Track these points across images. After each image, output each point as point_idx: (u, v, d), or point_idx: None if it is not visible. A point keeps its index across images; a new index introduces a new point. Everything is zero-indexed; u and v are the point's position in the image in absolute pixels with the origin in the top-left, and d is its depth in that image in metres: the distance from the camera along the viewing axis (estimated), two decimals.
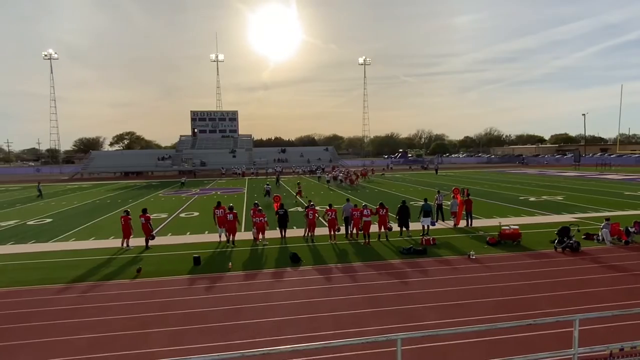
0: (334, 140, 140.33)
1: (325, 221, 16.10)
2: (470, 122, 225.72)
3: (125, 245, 15.59)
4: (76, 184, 53.38)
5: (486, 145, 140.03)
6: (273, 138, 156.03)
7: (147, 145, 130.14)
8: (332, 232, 15.96)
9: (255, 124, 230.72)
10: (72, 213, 25.99)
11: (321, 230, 16.86)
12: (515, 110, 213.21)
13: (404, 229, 16.58)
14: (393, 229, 16.48)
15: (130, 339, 8.00)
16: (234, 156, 79.28)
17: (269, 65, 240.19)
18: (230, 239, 15.81)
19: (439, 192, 20.51)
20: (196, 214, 24.30)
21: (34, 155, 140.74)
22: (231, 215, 15.75)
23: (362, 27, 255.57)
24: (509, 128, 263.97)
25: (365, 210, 15.87)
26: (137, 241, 15.83)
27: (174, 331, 8.28)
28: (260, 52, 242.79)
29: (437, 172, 56.80)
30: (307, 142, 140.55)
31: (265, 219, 15.92)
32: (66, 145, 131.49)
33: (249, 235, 16.61)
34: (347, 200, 18.14)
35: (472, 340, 7.48)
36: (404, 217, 16.46)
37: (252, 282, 11.33)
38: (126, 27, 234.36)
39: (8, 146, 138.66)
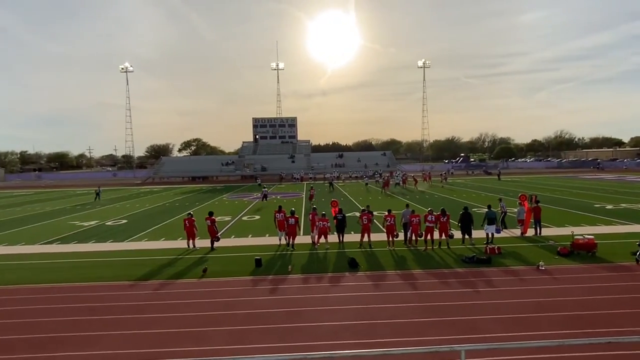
0: (391, 145, 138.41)
1: (384, 227, 15.95)
2: (538, 124, 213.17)
3: (191, 246, 16.46)
4: (148, 188, 57.19)
5: (556, 149, 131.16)
6: (331, 143, 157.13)
7: (212, 151, 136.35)
8: (390, 238, 15.77)
9: (313, 130, 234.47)
10: (144, 215, 27.90)
11: (379, 236, 16.74)
12: (588, 111, 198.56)
13: (466, 236, 16.00)
14: (454, 237, 15.96)
15: (196, 335, 8.44)
16: (293, 161, 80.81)
17: (327, 72, 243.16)
18: (290, 242, 16.15)
19: (500, 200, 19.58)
20: (257, 217, 25.08)
21: (111, 160, 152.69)
22: (292, 219, 16.11)
23: (422, 29, 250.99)
24: (582, 130, 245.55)
25: (429, 216, 15.53)
26: (202, 242, 16.65)
27: (237, 330, 8.62)
28: (319, 59, 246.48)
29: (499, 178, 54.01)
30: (365, 147, 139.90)
31: (329, 223, 16.13)
32: (139, 151, 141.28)
33: (307, 239, 16.88)
34: (407, 205, 17.84)
35: (541, 356, 7.06)
36: (466, 225, 15.89)
37: (311, 286, 11.49)
38: (193, 40, 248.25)
39: (89, 153, 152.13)
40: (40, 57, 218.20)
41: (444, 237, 15.52)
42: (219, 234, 16.86)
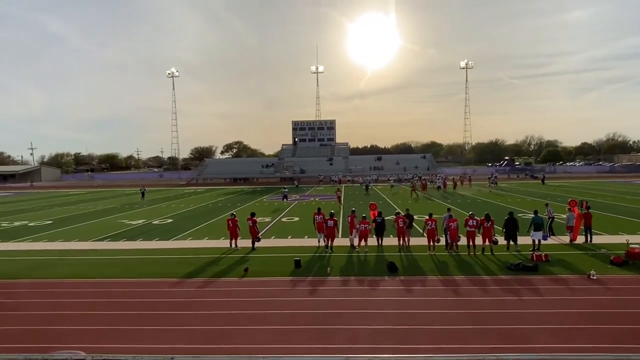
0: (431, 148, 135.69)
1: (425, 232, 15.71)
2: (587, 126, 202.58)
3: (233, 245, 16.87)
4: (192, 189, 59.13)
5: (608, 152, 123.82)
6: (369, 146, 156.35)
7: (253, 153, 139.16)
8: (431, 243, 15.50)
9: (352, 132, 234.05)
10: (189, 215, 28.87)
11: (420, 241, 16.49)
12: None
13: (511, 243, 15.46)
14: (499, 243, 15.45)
15: (240, 333, 8.65)
16: (331, 164, 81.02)
17: (366, 74, 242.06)
18: (329, 244, 16.21)
19: (547, 205, 18.72)
20: (296, 218, 25.35)
21: (157, 162, 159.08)
22: (332, 221, 16.18)
23: (463, 29, 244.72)
24: (636, 133, 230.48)
25: (470, 220, 15.16)
26: (244, 242, 17.03)
27: (279, 330, 8.76)
28: (358, 61, 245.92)
29: (543, 182, 51.54)
30: (404, 149, 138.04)
31: (369, 226, 16.09)
32: (184, 153, 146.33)
33: (346, 242, 16.89)
34: (448, 210, 17.47)
35: None
36: (511, 230, 15.35)
37: (351, 289, 11.49)
38: (235, 45, 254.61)
39: (138, 154, 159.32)
40: (94, 64, 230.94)
41: (487, 242, 15.06)
42: (259, 235, 17.18)
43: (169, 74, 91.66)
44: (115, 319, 9.64)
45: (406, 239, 16.16)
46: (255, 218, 16.98)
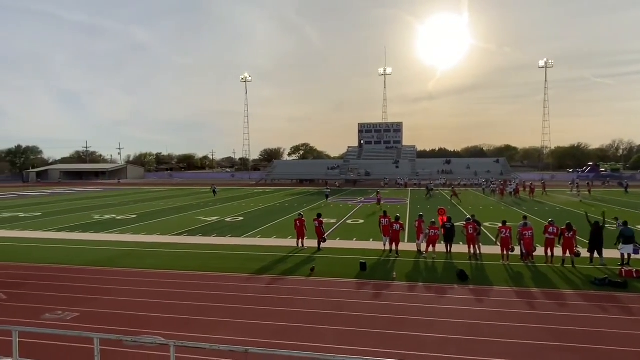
0: (505, 152, 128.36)
1: (498, 240, 14.99)
2: None
3: (300, 245, 17.29)
4: (261, 189, 61.36)
5: None
6: (437, 149, 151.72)
7: (319, 155, 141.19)
8: (504, 252, 14.75)
9: (419, 135, 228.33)
10: (258, 213, 30.03)
11: (493, 249, 15.77)
12: None
13: (595, 255, 14.26)
14: (581, 255, 14.31)
15: (306, 331, 8.89)
16: (397, 167, 79.83)
17: (436, 75, 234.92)
18: (394, 248, 16.04)
19: (617, 219, 17.03)
20: (361, 221, 25.35)
21: (230, 162, 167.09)
22: (397, 225, 16.01)
23: (544, 26, 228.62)
24: None
25: (550, 228, 14.23)
26: (310, 242, 17.37)
27: (344, 331, 8.88)
28: (427, 62, 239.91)
29: (626, 191, 46.38)
30: (475, 153, 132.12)
31: (438, 232, 15.72)
32: (254, 154, 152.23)
33: (411, 247, 16.61)
34: (524, 217, 16.52)
35: None
36: (597, 242, 14.15)
37: (417, 295, 11.30)
38: (305, 49, 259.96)
39: (212, 155, 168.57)
40: (174, 70, 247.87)
41: (568, 254, 14.03)
42: (325, 235, 17.45)
43: (242, 78, 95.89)
44: (192, 309, 10.33)
45: (477, 246, 15.53)
46: (321, 219, 17.26)
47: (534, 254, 14.62)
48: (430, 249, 15.63)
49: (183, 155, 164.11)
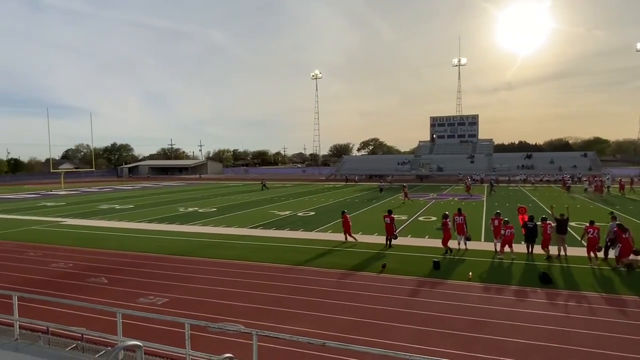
0: (595, 144, 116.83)
1: (584, 241, 13.87)
2: None
3: (348, 239, 17.81)
4: (331, 184, 62.05)
5: None
6: (516, 142, 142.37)
7: (389, 150, 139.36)
8: (592, 254, 13.61)
9: (496, 128, 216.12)
10: (329, 208, 30.48)
11: (578, 251, 14.61)
12: None
13: None
14: None
15: (378, 328, 8.96)
16: (472, 162, 76.31)
17: (515, 63, 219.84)
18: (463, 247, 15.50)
19: (612, 215, 15.67)
20: (434, 218, 24.70)
21: (300, 158, 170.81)
22: (461, 217, 15.70)
23: None
24: None
25: None
26: (378, 239, 17.32)
27: (416, 330, 8.82)
28: (505, 50, 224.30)
29: None
30: (559, 146, 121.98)
31: (513, 230, 14.92)
32: (324, 150, 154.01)
33: (488, 246, 15.91)
34: (613, 217, 15.09)
35: None
36: None
37: (494, 297, 10.85)
38: (375, 43, 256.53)
39: (284, 151, 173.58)
40: (249, 70, 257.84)
41: None
42: (396, 232, 17.30)
43: (313, 76, 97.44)
44: (268, 299, 10.85)
45: (563, 247, 14.48)
46: (393, 215, 17.13)
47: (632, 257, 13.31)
48: (507, 249, 14.84)
49: (257, 151, 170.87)
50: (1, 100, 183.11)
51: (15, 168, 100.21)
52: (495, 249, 15.35)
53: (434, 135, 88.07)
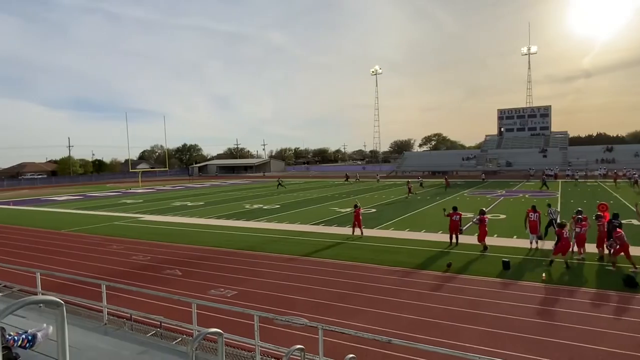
0: None
1: None
2: None
3: (353, 233, 18.37)
4: (391, 181, 61.23)
5: None
6: (595, 134, 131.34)
7: (452, 145, 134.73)
8: None
9: (571, 119, 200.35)
10: (390, 206, 30.14)
11: None
12: None
13: None
14: None
15: (443, 328, 8.76)
16: (545, 156, 71.60)
17: (592, 49, 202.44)
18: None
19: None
20: (503, 216, 23.54)
21: (360, 155, 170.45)
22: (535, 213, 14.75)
23: None
24: None
25: None
26: (442, 237, 16.85)
27: (484, 331, 8.50)
28: (581, 35, 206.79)
29: None
30: None
31: (587, 228, 13.84)
32: (384, 146, 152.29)
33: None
34: None
35: None
36: None
37: (571, 300, 10.16)
38: (437, 35, 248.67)
39: (344, 148, 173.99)
40: (309, 69, 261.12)
41: None
42: (462, 229, 16.75)
43: (372, 71, 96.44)
44: (331, 295, 11.00)
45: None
46: (459, 212, 16.57)
47: None
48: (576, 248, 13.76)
49: (318, 149, 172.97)
50: (86, 106, 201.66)
51: (99, 168, 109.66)
52: (572, 249, 14.32)
53: (502, 129, 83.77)
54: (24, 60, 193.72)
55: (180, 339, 7.68)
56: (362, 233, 18.77)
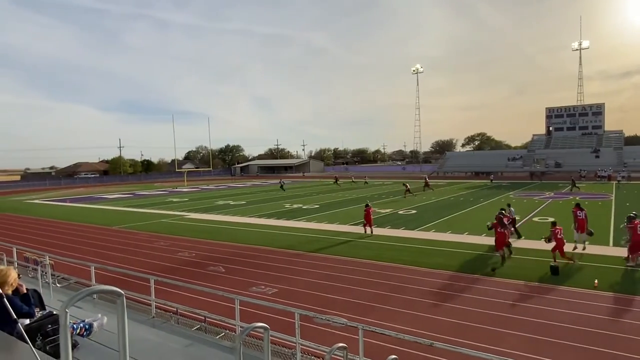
0: None
1: None
2: None
3: (368, 231, 18.74)
4: (432, 182, 59.95)
5: None
6: None
7: (497, 145, 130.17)
8: None
9: (628, 117, 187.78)
10: (431, 207, 29.57)
11: None
12: None
13: None
14: None
15: (486, 333, 8.52)
16: (597, 156, 67.63)
17: None
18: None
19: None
20: (551, 219, 22.47)
21: (400, 155, 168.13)
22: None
23: None
24: None
25: None
26: (486, 240, 16.36)
27: (530, 338, 8.19)
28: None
29: None
30: None
31: None
32: (425, 146, 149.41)
33: (616, 252, 14.05)
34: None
35: None
36: None
37: (628, 309, 9.59)
38: (480, 32, 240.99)
39: (383, 148, 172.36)
40: (348, 68, 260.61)
41: None
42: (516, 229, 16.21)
43: (413, 70, 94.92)
44: (370, 295, 10.97)
45: None
46: (507, 215, 16.02)
47: None
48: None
49: (357, 149, 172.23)
50: (136, 109, 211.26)
51: (147, 168, 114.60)
52: (629, 255, 13.51)
53: (551, 128, 79.96)
54: (79, 66, 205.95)
55: (223, 333, 7.93)
56: (372, 231, 19.52)
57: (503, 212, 15.55)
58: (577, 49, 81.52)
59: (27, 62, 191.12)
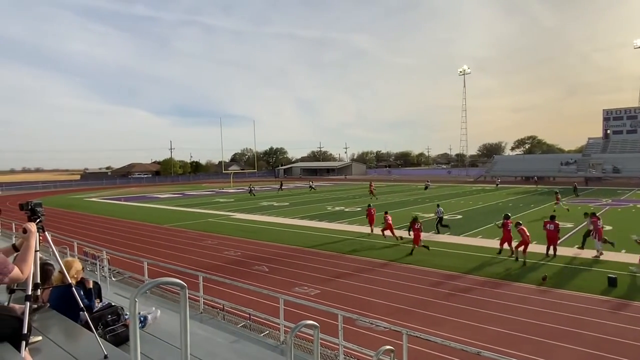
0: None
1: None
2: None
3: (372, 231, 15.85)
4: (480, 186, 58.09)
5: None
6: None
7: (549, 149, 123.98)
8: None
9: None
10: (478, 212, 28.69)
11: None
12: None
13: None
14: None
15: (534, 345, 8.18)
16: None
17: None
18: None
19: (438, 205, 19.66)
20: (609, 227, 21.18)
21: (445, 159, 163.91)
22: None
23: None
24: None
25: None
26: (537, 248, 15.65)
27: (585, 353, 7.79)
28: None
29: None
30: None
31: None
32: (472, 150, 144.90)
33: None
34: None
35: None
36: None
37: None
38: (531, 31, 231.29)
39: (428, 151, 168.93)
40: (391, 70, 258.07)
41: None
42: (559, 241, 15.45)
43: (460, 71, 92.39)
44: (415, 302, 10.83)
45: None
46: (557, 222, 15.31)
47: None
48: None
49: (400, 152, 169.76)
50: (186, 112, 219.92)
51: (196, 169, 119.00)
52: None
53: (608, 131, 75.17)
54: (134, 71, 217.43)
55: (267, 331, 8.13)
56: (372, 231, 20.89)
57: (508, 215, 16.54)
58: (638, 47, 76.16)
59: (90, 69, 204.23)
